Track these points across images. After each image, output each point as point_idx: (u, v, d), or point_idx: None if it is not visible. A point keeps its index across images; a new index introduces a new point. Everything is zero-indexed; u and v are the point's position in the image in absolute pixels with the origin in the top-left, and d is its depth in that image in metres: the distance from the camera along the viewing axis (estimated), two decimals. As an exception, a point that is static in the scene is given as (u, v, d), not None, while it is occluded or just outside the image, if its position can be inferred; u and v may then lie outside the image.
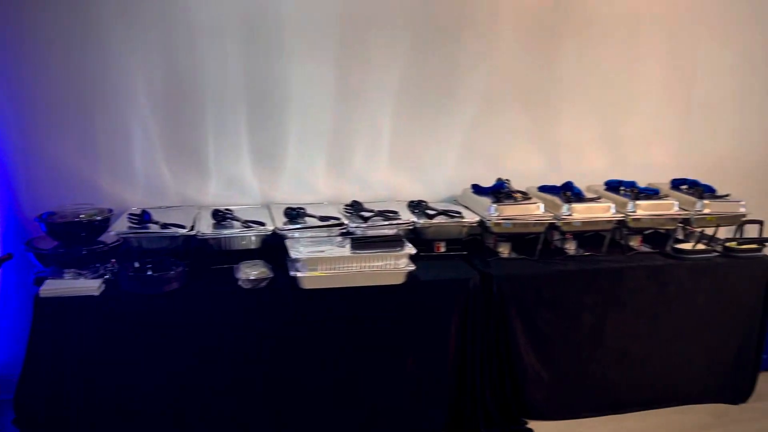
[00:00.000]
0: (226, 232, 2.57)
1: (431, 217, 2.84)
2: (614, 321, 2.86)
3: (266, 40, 2.89)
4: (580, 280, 2.81)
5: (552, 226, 2.92)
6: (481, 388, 2.72)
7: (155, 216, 2.62)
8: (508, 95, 3.28)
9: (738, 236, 3.19)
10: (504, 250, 2.94)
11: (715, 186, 3.23)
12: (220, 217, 2.66)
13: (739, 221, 3.14)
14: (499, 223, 2.81)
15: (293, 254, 2.41)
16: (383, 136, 3.15)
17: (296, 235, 2.60)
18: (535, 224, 2.85)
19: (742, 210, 3.09)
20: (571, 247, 3.01)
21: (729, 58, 3.54)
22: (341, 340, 2.54)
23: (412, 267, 2.52)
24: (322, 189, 3.11)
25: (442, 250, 2.91)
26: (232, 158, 2.98)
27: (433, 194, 3.26)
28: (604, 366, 2.90)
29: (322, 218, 2.69)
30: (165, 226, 2.55)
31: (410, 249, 2.53)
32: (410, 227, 2.78)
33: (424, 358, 2.63)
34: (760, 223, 3.19)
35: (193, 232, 2.54)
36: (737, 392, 3.10)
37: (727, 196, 3.13)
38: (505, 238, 2.93)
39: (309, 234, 2.61)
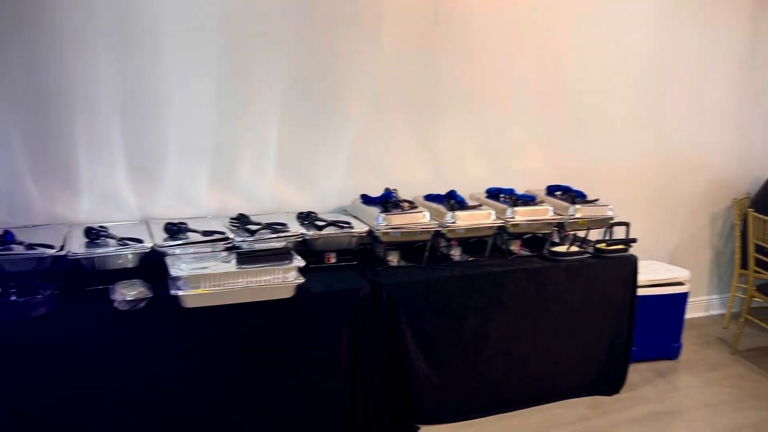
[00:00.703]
0: (99, 250, 2.42)
1: (321, 228, 2.83)
2: (497, 322, 2.98)
3: (141, 48, 2.76)
4: (465, 285, 2.90)
5: (438, 234, 3.00)
6: (373, 396, 2.74)
7: (20, 236, 2.41)
8: (394, 106, 3.34)
9: (607, 238, 3.43)
10: (393, 259, 2.98)
11: (585, 191, 3.46)
12: (94, 234, 2.50)
13: (607, 224, 3.37)
14: (388, 232, 2.85)
15: (174, 272, 2.31)
16: (270, 147, 3.10)
17: (177, 251, 2.49)
18: (421, 232, 2.91)
19: (610, 213, 3.32)
20: (456, 253, 3.10)
21: (595, 72, 3.81)
22: (230, 357, 2.46)
23: (301, 280, 2.49)
24: (206, 202, 3.00)
25: (333, 261, 2.91)
26: (105, 171, 2.80)
27: (322, 205, 3.25)
28: (490, 367, 3.01)
29: (206, 233, 2.60)
30: (31, 246, 2.35)
31: (299, 261, 2.50)
32: (299, 239, 2.75)
33: (317, 370, 2.61)
34: (627, 225, 3.44)
35: (63, 252, 2.37)
36: (611, 384, 3.33)
37: (596, 200, 3.36)
38: (393, 246, 2.98)
39: (191, 250, 2.51)
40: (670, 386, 3.43)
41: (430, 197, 3.26)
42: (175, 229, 2.61)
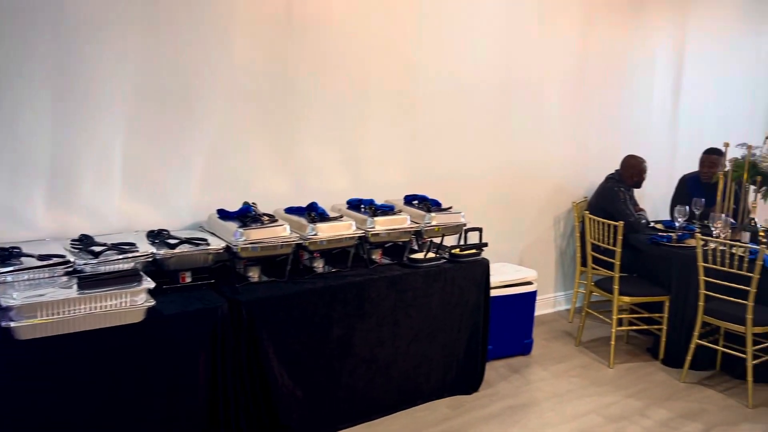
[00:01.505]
0: None
1: (173, 246, 2.70)
2: (361, 331, 3.01)
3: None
4: (328, 296, 2.90)
5: (300, 247, 2.98)
6: (236, 416, 2.65)
7: None
8: (250, 117, 3.29)
9: (462, 243, 3.59)
10: (254, 275, 2.92)
11: (441, 200, 3.60)
12: None
13: (461, 230, 3.54)
14: (247, 247, 2.78)
15: (4, 302, 2.09)
16: (114, 162, 2.92)
17: (9, 278, 2.26)
18: (282, 246, 2.88)
19: (463, 220, 3.48)
20: (319, 265, 3.10)
21: (448, 86, 4.00)
22: (80, 389, 2.27)
23: (152, 302, 2.36)
24: (42, 224, 2.76)
25: (188, 280, 2.78)
26: None
27: (176, 222, 3.11)
28: (355, 376, 3.03)
29: (42, 257, 2.38)
30: None
31: (148, 283, 2.37)
32: (149, 259, 2.60)
33: (175, 395, 2.48)
34: (480, 230, 3.63)
35: None
36: (470, 383, 3.48)
37: (450, 208, 3.51)
38: (254, 262, 2.91)
39: (25, 276, 2.29)
40: (523, 380, 3.65)
41: (291, 210, 3.23)
42: (5, 254, 2.37)
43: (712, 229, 4.01)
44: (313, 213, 3.11)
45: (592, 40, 4.66)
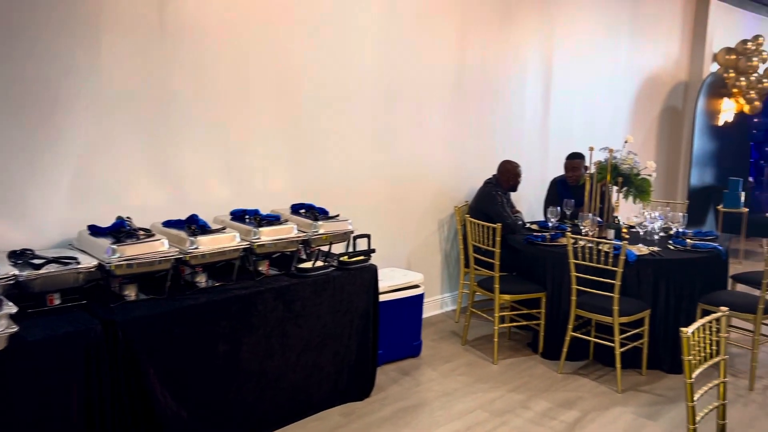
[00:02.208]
0: None
1: (38, 267, 2.50)
2: (248, 345, 2.94)
3: None
4: (212, 312, 2.81)
5: (180, 262, 2.86)
6: (116, 446, 2.50)
7: None
8: (122, 126, 3.12)
9: (351, 250, 3.61)
10: (130, 293, 2.77)
11: (328, 208, 3.60)
12: None
13: (349, 237, 3.55)
14: (121, 264, 2.63)
15: None
16: (-33, 178, 2.66)
17: None
18: (160, 261, 2.75)
19: (350, 227, 3.50)
20: (202, 279, 2.99)
21: (331, 94, 4.01)
22: None
23: (14, 328, 2.17)
24: None
25: (57, 302, 2.59)
26: None
27: (42, 240, 2.89)
28: (244, 391, 2.95)
29: None
30: None
31: (10, 308, 2.18)
32: (11, 281, 2.39)
33: (47, 427, 2.29)
34: (368, 236, 3.66)
35: None
36: (362, 389, 3.50)
37: (337, 216, 3.52)
38: (130, 279, 2.76)
39: None
40: (414, 382, 3.73)
41: (169, 223, 3.10)
42: None
43: (581, 227, 4.31)
44: (194, 226, 3.00)
45: (468, 52, 4.86)
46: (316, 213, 3.48)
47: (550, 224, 4.53)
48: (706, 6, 7.28)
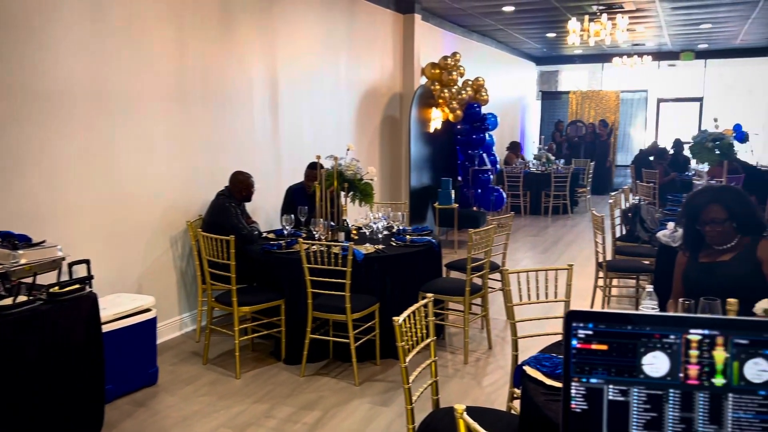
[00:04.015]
0: None
1: None
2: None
3: None
4: None
5: None
6: None
7: None
8: None
9: (66, 279, 3.23)
10: None
11: (32, 234, 3.18)
12: None
13: (60, 265, 3.18)
14: None
15: None
16: None
17: None
18: None
19: (61, 254, 3.14)
20: None
21: (32, 108, 3.55)
22: None
23: None
24: None
25: None
26: None
27: None
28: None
29: None
30: None
31: None
32: None
33: None
34: (87, 262, 3.32)
35: None
36: (90, 428, 3.16)
37: (43, 242, 3.13)
38: None
39: None
40: (150, 412, 3.48)
41: None
42: None
43: (314, 232, 4.47)
44: None
45: (188, 64, 4.72)
46: (14, 241, 3.05)
47: (285, 232, 4.61)
48: (411, 25, 8.13)
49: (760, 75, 13.90)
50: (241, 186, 4.69)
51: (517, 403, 2.76)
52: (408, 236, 4.67)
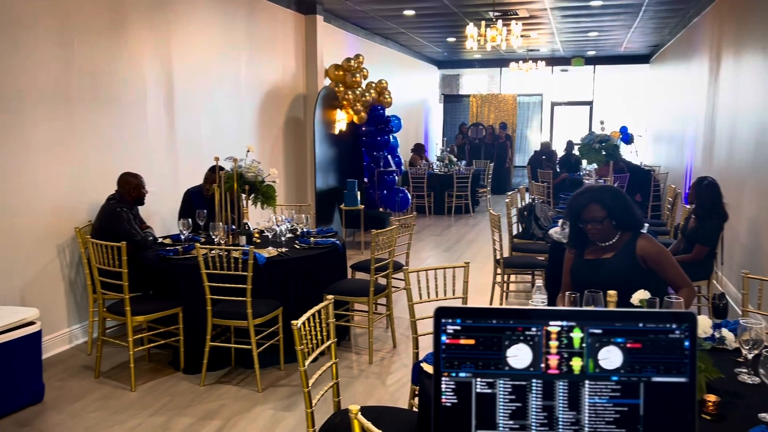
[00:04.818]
0: None
1: None
2: None
3: None
4: None
5: None
6: None
7: None
8: None
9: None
10: None
11: None
12: None
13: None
14: None
15: None
16: None
17: None
18: None
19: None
20: None
21: None
22: None
23: None
24: None
25: None
26: None
27: None
28: None
29: None
30: None
31: None
32: None
33: None
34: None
35: None
36: (-37, 457, 2.91)
37: None
38: None
39: None
40: (34, 433, 3.26)
41: None
42: None
43: (214, 237, 4.34)
44: None
45: (74, 62, 4.45)
46: None
47: (182, 237, 4.45)
48: (314, 26, 8.09)
49: (644, 80, 14.95)
50: (129, 188, 4.46)
51: (417, 401, 2.80)
52: (312, 238, 4.63)
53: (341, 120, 8.30)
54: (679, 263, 4.77)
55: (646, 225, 3.37)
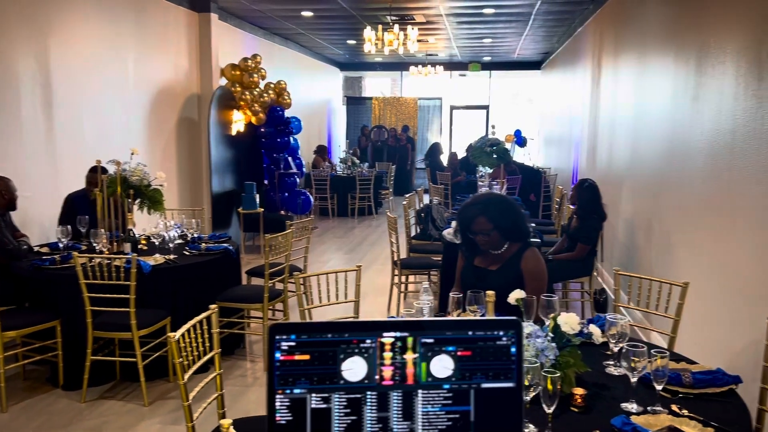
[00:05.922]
0: None
1: None
2: None
3: None
4: None
5: None
6: None
7: None
8: None
9: None
10: None
11: None
12: None
13: None
14: None
15: None
16: None
17: None
18: None
19: None
20: None
21: None
22: None
23: None
24: None
25: None
26: None
27: None
28: None
29: None
30: None
31: None
32: None
33: None
34: None
35: None
36: None
37: None
38: None
39: None
40: None
41: None
42: None
43: (95, 244, 4.10)
44: None
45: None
46: None
47: (61, 245, 4.17)
48: (208, 25, 7.85)
49: (536, 86, 15.68)
50: (-1, 193, 4.13)
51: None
52: (203, 244, 4.48)
53: (239, 121, 8.11)
54: (563, 261, 5.03)
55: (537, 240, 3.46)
